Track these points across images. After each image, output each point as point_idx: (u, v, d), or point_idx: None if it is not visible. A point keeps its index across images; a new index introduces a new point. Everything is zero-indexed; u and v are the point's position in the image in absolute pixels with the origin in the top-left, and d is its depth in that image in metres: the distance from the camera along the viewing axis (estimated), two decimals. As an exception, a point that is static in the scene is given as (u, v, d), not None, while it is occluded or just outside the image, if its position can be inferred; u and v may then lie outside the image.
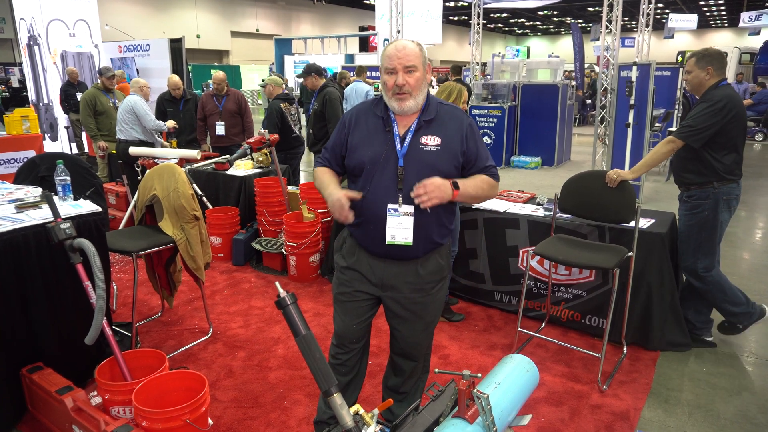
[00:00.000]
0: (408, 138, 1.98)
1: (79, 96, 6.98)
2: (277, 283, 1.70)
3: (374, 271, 2.07)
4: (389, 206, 1.94)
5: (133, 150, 4.89)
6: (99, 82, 6.72)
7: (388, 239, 1.95)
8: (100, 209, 2.82)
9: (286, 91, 5.87)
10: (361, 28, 24.21)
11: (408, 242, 1.96)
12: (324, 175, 2.10)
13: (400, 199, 1.95)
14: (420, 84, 1.95)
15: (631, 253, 2.95)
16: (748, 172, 2.95)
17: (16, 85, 20.77)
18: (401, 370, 2.28)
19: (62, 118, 9.26)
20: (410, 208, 1.95)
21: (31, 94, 9.55)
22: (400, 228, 1.95)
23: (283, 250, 4.44)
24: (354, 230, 2.10)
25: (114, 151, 6.21)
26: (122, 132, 5.70)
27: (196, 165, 4.87)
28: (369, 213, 1.99)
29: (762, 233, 5.81)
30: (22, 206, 2.76)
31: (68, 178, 2.95)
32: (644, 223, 3.23)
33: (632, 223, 3.01)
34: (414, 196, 1.86)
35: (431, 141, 1.97)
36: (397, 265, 2.05)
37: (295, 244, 4.24)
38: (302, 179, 7.45)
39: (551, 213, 3.37)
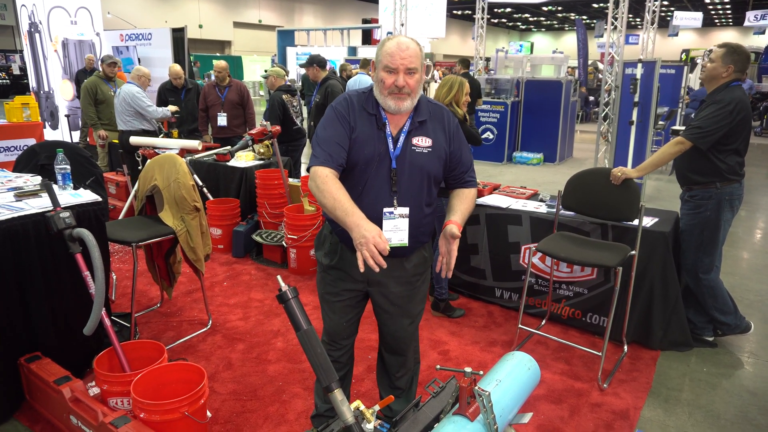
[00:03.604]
0: (401, 139, 1.93)
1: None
2: (278, 277, 1.68)
3: (359, 268, 2.04)
4: (384, 210, 1.91)
5: (134, 140, 4.85)
6: (100, 70, 6.67)
7: None
8: (100, 199, 2.81)
9: (288, 83, 5.83)
10: (365, 21, 24.07)
11: (404, 243, 1.96)
12: (337, 189, 1.76)
13: (395, 201, 1.92)
14: (419, 85, 1.91)
15: (634, 252, 2.94)
16: (749, 171, 2.94)
17: (17, 72, 20.74)
18: (393, 366, 2.29)
19: (63, 106, 9.22)
20: (405, 210, 1.93)
21: (32, 82, 9.50)
22: (395, 230, 1.93)
23: (283, 242, 4.43)
24: (339, 229, 1.98)
25: (115, 141, 6.17)
26: (124, 123, 5.63)
27: (197, 156, 4.85)
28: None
29: (762, 233, 5.80)
30: (21, 195, 2.75)
31: (68, 166, 2.93)
32: (648, 221, 3.21)
33: (636, 222, 2.99)
34: (447, 269, 1.90)
35: (423, 142, 1.94)
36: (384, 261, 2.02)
37: (295, 237, 4.22)
38: (303, 171, 7.41)
39: (554, 210, 3.35)
